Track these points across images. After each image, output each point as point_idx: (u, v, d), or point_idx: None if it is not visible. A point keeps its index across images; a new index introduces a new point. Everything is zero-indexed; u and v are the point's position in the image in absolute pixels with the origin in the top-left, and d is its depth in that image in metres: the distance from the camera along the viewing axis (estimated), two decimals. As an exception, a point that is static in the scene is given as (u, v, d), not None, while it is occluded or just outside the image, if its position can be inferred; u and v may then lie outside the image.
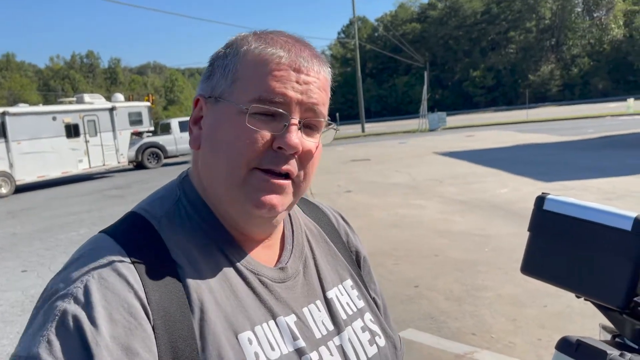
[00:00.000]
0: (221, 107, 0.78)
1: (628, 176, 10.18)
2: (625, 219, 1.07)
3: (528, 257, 1.34)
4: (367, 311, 0.92)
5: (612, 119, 29.21)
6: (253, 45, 0.78)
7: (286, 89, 0.75)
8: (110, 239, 0.74)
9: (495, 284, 4.96)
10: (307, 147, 0.78)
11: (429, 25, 72.37)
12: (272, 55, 0.77)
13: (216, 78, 0.80)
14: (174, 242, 0.76)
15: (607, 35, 64.42)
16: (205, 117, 0.81)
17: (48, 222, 11.10)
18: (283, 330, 0.77)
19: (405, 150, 20.34)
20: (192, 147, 0.83)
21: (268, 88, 0.75)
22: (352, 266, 0.97)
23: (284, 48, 0.78)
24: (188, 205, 0.82)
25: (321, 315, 0.84)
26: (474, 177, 11.75)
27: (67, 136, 19.40)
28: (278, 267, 0.84)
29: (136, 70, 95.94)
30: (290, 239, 0.90)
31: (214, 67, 0.81)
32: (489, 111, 58.81)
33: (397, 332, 1.05)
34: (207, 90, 0.81)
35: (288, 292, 0.82)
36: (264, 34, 0.82)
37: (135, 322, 0.66)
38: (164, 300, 0.70)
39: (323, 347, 0.81)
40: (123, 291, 0.68)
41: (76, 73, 76.71)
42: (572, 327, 3.87)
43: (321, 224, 1.00)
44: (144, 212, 0.80)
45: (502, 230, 6.84)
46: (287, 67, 0.76)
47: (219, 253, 0.79)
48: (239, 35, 0.83)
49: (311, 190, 11.97)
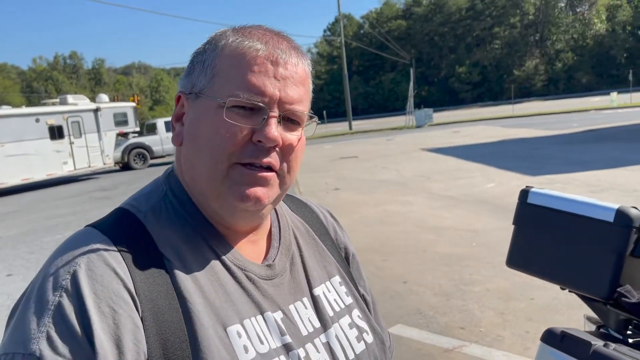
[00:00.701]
0: (201, 102, 0.78)
1: (612, 169, 10.29)
2: (608, 210, 1.08)
3: (513, 251, 1.34)
4: (355, 308, 0.92)
5: (596, 112, 29.53)
6: (230, 39, 0.78)
7: (264, 85, 0.75)
8: (97, 231, 0.74)
9: (483, 278, 4.99)
10: (288, 140, 0.78)
11: (414, 22, 72.60)
12: (249, 48, 0.76)
13: (196, 74, 0.80)
14: (161, 236, 0.76)
15: (590, 30, 65.14)
16: (187, 114, 0.81)
17: (33, 225, 10.97)
18: (271, 325, 0.77)
19: (392, 147, 20.40)
20: (175, 144, 0.83)
21: (246, 82, 0.75)
22: (340, 263, 0.97)
23: (261, 40, 0.78)
24: (175, 200, 0.82)
25: (307, 312, 0.84)
26: (461, 173, 11.81)
27: (51, 138, 19.17)
28: (265, 264, 0.84)
29: (121, 71, 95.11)
30: (277, 237, 0.90)
31: (194, 63, 0.81)
32: (475, 107, 59.18)
33: (386, 328, 1.05)
34: (188, 86, 0.81)
35: (275, 289, 0.82)
36: (242, 28, 0.81)
37: (124, 314, 0.66)
38: (152, 292, 0.70)
39: (309, 344, 0.81)
40: (112, 283, 0.68)
41: (59, 74, 75.86)
42: (560, 319, 3.91)
43: (309, 221, 1.00)
44: (130, 207, 0.80)
45: (489, 225, 6.88)
46: (265, 60, 0.76)
47: (206, 247, 0.79)
48: (219, 31, 0.83)
49: (299, 188, 11.96)
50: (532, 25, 69.35)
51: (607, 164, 10.82)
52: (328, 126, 42.90)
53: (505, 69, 67.55)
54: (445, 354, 3.66)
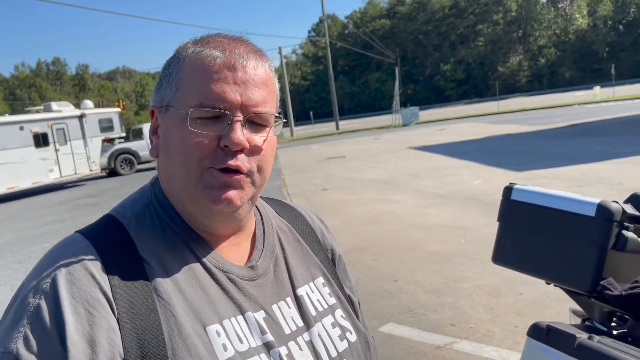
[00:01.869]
0: (170, 115, 0.81)
1: (597, 163, 10.41)
2: (589, 205, 1.10)
3: (498, 247, 1.36)
4: (339, 308, 0.94)
5: (580, 107, 29.85)
6: (190, 50, 0.81)
7: (224, 92, 0.77)
8: (80, 237, 0.79)
9: (473, 275, 5.02)
10: (255, 142, 0.80)
11: (398, 21, 72.86)
12: (207, 57, 0.79)
13: (163, 88, 0.83)
14: (143, 240, 0.79)
15: (572, 25, 65.82)
16: (160, 127, 0.84)
17: (20, 234, 10.86)
18: (251, 325, 0.80)
19: (379, 146, 20.46)
20: (152, 156, 0.86)
21: (207, 92, 0.77)
22: (325, 265, 0.99)
23: (218, 48, 0.80)
24: (158, 206, 0.85)
25: (291, 312, 0.87)
26: (448, 170, 11.88)
27: (36, 146, 18.98)
28: (248, 265, 0.87)
29: (105, 76, 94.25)
30: (261, 239, 0.93)
31: (162, 77, 0.84)
32: (460, 104, 59.53)
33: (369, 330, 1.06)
34: (158, 100, 0.84)
35: (257, 290, 0.84)
36: (202, 38, 0.84)
37: (99, 315, 0.70)
38: (129, 294, 0.73)
39: (292, 342, 0.83)
40: (88, 286, 0.71)
41: (43, 81, 75.14)
42: (549, 313, 3.95)
43: (295, 224, 1.02)
44: (116, 214, 0.84)
45: (477, 222, 6.93)
46: (222, 67, 0.78)
47: (187, 251, 0.81)
48: (182, 43, 0.85)
49: (287, 189, 11.95)
50: (515, 22, 69.90)
51: (592, 158, 10.95)
52: (315, 126, 42.91)
53: (489, 65, 68.03)
54: (437, 351, 3.68)
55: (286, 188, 12.22)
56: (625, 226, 1.07)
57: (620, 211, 1.09)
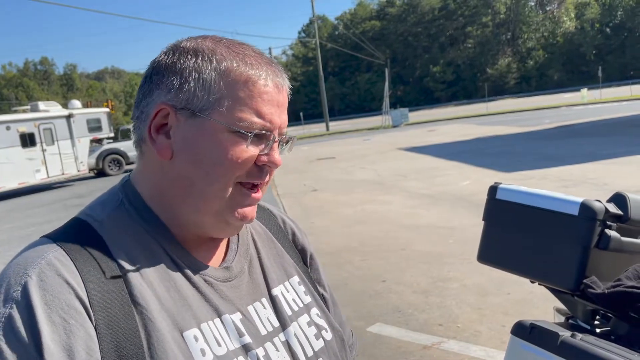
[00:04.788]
0: (203, 122, 0.77)
1: (584, 163, 10.51)
2: (572, 204, 1.10)
3: (484, 246, 1.36)
4: (314, 306, 0.94)
5: (568, 108, 30.12)
6: (234, 64, 0.78)
7: (272, 114, 0.80)
8: (50, 241, 0.74)
9: (461, 275, 5.05)
10: (281, 162, 0.84)
11: (388, 22, 73.04)
12: (258, 77, 0.79)
13: (190, 90, 0.77)
14: (116, 243, 0.76)
15: (560, 28, 66.38)
16: (178, 129, 0.78)
17: (6, 236, 10.74)
18: (229, 327, 0.79)
19: (369, 147, 20.50)
20: (163, 157, 0.79)
21: (259, 112, 0.78)
22: (298, 264, 1.00)
23: (263, 68, 0.80)
24: (131, 208, 0.82)
25: (266, 312, 0.86)
26: (437, 171, 11.93)
27: (23, 146, 18.77)
28: (223, 266, 0.86)
29: (94, 76, 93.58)
30: (236, 239, 0.92)
31: (183, 76, 0.77)
32: (450, 105, 59.82)
33: (348, 326, 1.08)
34: (179, 101, 0.77)
35: (233, 291, 0.83)
36: (233, 46, 0.81)
37: (76, 324, 0.67)
38: (106, 301, 0.70)
39: (269, 343, 0.82)
40: (63, 293, 0.68)
41: (30, 81, 74.38)
42: (535, 312, 3.97)
43: (268, 224, 1.02)
44: (85, 217, 0.80)
45: (465, 222, 6.97)
46: (272, 89, 0.80)
47: (162, 254, 0.79)
48: (201, 41, 0.80)
49: (277, 190, 11.93)
50: (504, 24, 70.35)
51: (579, 159, 11.05)
52: (305, 127, 42.90)
53: (478, 67, 68.37)
54: (424, 350, 3.69)
55: (276, 189, 12.20)
56: (608, 225, 1.08)
57: (603, 210, 1.09)
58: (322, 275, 1.05)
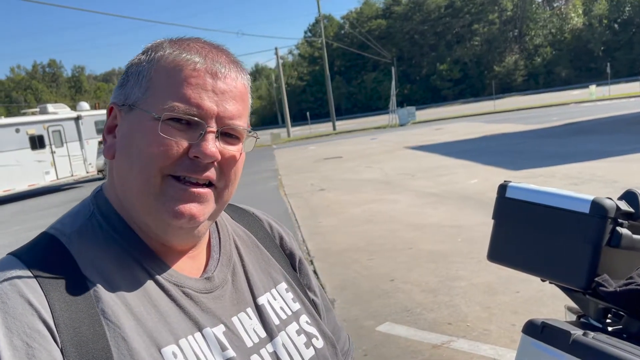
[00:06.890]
0: (135, 115, 0.75)
1: (593, 161, 10.44)
2: (583, 202, 1.09)
3: (493, 245, 1.36)
4: (304, 313, 0.90)
5: (576, 106, 29.92)
6: (167, 51, 0.76)
7: (201, 98, 0.73)
8: (14, 259, 0.71)
9: (469, 274, 5.03)
10: (228, 155, 0.76)
11: (394, 21, 72.87)
12: (187, 61, 0.74)
13: (130, 85, 0.77)
14: (86, 258, 0.72)
15: (568, 24, 65.94)
16: (120, 126, 0.78)
17: (16, 237, 10.82)
18: (210, 341, 0.75)
19: (376, 146, 20.47)
20: (107, 157, 0.79)
21: (183, 96, 0.73)
22: (286, 269, 0.95)
23: (200, 53, 0.76)
24: (102, 219, 0.78)
25: (252, 322, 0.82)
26: (445, 170, 11.89)
27: (32, 148, 18.95)
28: (204, 277, 0.82)
29: (101, 78, 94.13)
30: (217, 248, 0.88)
31: (128, 74, 0.78)
32: (457, 104, 59.62)
33: (344, 330, 1.03)
34: (121, 97, 0.78)
35: (215, 302, 0.79)
36: (180, 40, 0.79)
37: (39, 347, 0.63)
38: (74, 320, 0.66)
39: (255, 355, 0.79)
40: (25, 315, 0.64)
41: (38, 83, 74.99)
42: (545, 311, 3.95)
43: (252, 229, 0.98)
44: (53, 231, 0.76)
45: (473, 220, 6.94)
46: (203, 73, 0.74)
47: (136, 267, 0.75)
48: (155, 41, 0.80)
49: (284, 190, 11.94)
50: (511, 21, 70.02)
51: (588, 157, 10.97)
52: (312, 127, 42.89)
53: (485, 65, 68.10)
54: (434, 349, 3.68)
55: (283, 189, 12.21)
56: (619, 223, 1.07)
57: (614, 208, 1.08)
58: (312, 280, 1.00)
